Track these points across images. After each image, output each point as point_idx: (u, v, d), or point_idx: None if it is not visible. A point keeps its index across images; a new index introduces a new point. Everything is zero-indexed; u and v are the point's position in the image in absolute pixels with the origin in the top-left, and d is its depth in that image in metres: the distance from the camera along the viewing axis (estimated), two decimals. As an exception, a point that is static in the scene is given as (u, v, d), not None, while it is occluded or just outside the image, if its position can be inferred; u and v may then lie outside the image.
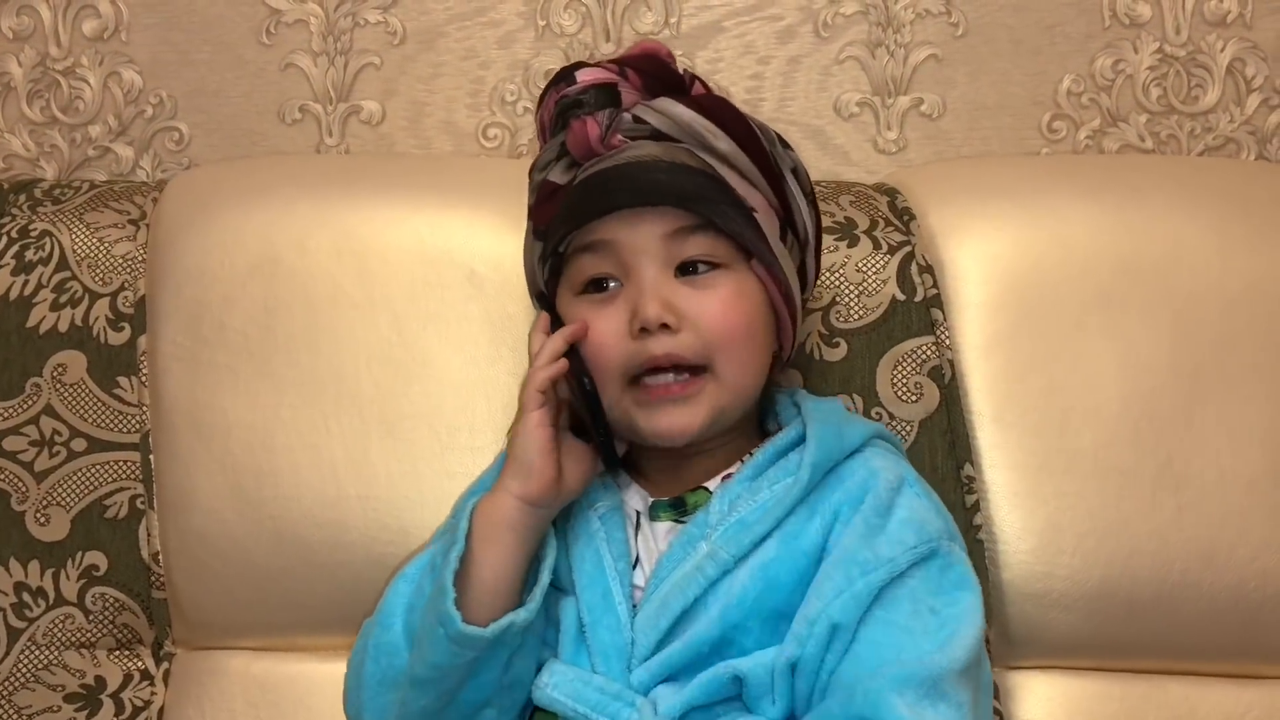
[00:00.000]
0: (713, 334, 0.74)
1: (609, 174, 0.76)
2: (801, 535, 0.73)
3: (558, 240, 0.78)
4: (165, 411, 0.91)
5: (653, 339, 0.74)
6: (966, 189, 0.96)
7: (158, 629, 0.92)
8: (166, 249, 0.94)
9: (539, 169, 0.81)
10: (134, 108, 1.14)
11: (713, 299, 0.75)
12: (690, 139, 0.76)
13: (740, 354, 0.76)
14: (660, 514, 0.79)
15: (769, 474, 0.76)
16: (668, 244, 0.75)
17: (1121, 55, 1.11)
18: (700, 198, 0.75)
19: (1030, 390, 0.88)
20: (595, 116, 0.77)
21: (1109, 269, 0.90)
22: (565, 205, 0.77)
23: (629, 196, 0.75)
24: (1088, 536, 0.86)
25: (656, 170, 0.75)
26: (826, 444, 0.76)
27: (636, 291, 0.75)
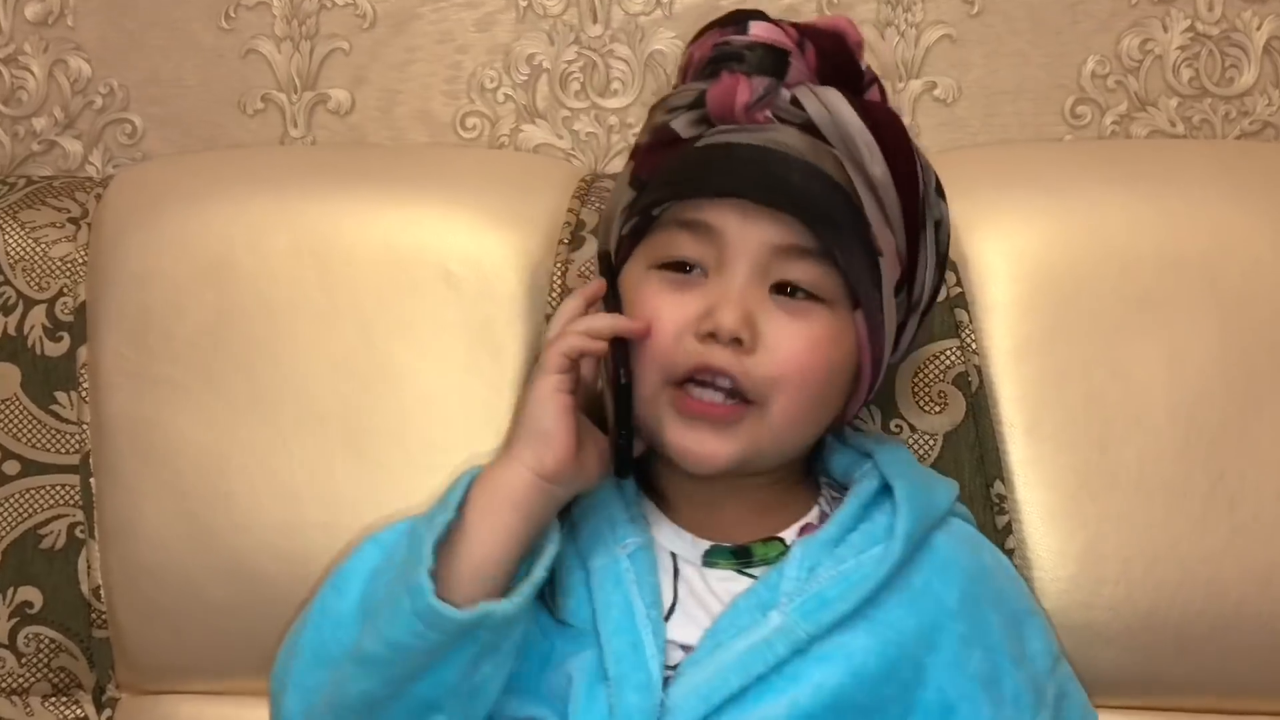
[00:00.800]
0: (784, 369, 0.67)
1: (740, 151, 0.69)
2: (891, 620, 0.67)
3: (655, 202, 0.70)
4: (107, 430, 0.87)
5: (718, 349, 0.66)
6: (990, 177, 0.91)
7: (99, 672, 0.88)
8: (110, 251, 0.90)
9: (665, 109, 0.73)
10: (82, 98, 1.10)
11: (800, 332, 0.68)
12: (844, 147, 0.69)
13: (803, 402, 0.68)
14: (719, 560, 0.70)
15: (853, 539, 0.69)
16: (775, 256, 0.68)
17: (1150, 34, 1.06)
18: (829, 221, 0.68)
19: (1067, 399, 0.84)
20: (751, 80, 0.69)
21: (1151, 264, 0.85)
22: (679, 166, 0.70)
23: (753, 188, 0.67)
24: (1132, 562, 0.82)
25: (794, 168, 0.68)
26: (919, 509, 0.69)
27: (721, 292, 0.67)
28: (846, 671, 0.64)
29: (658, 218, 0.70)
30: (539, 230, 0.88)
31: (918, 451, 0.83)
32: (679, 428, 0.67)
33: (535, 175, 0.95)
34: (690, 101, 0.72)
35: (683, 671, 0.65)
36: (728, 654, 0.65)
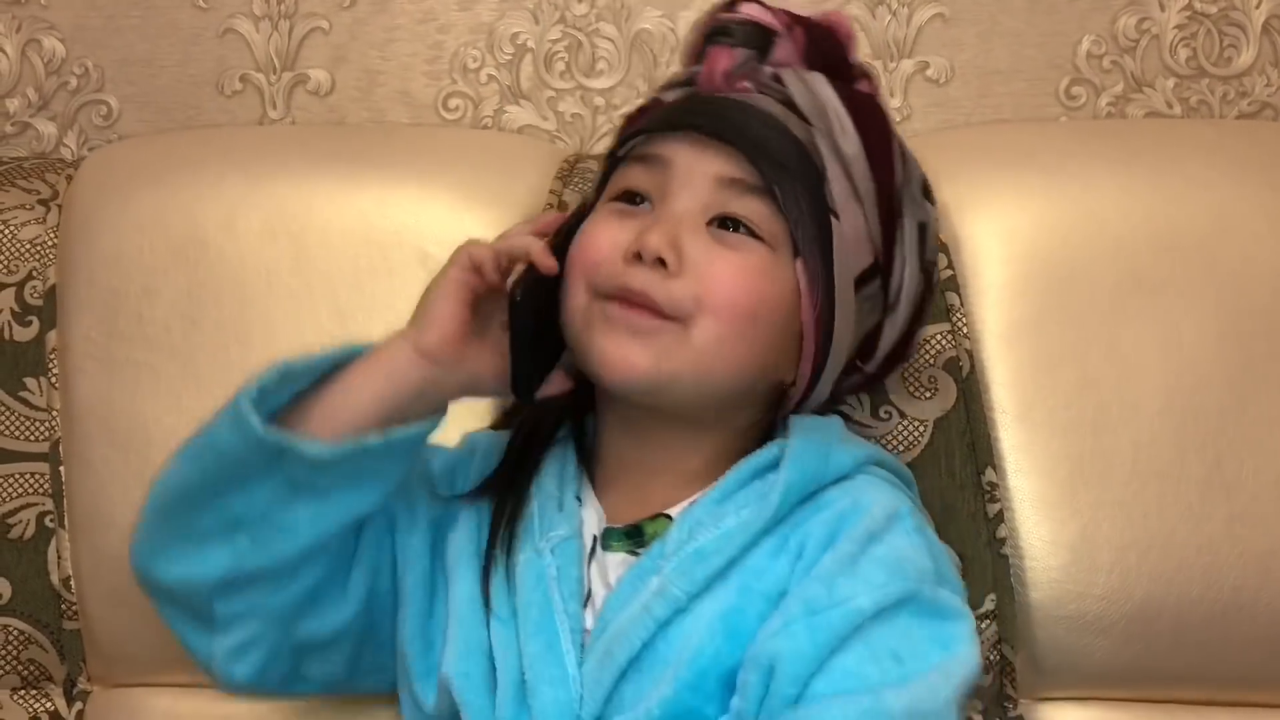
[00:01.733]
0: (708, 291, 0.66)
1: (707, 100, 0.70)
2: (766, 574, 0.64)
3: (622, 143, 0.72)
4: (77, 417, 0.85)
5: (641, 269, 0.66)
6: (983, 157, 0.90)
7: (70, 665, 0.85)
8: (80, 232, 0.88)
9: (661, 88, 0.75)
10: (56, 79, 1.08)
11: (730, 260, 0.66)
12: (820, 124, 0.69)
13: (727, 327, 0.66)
14: (613, 543, 0.69)
15: (738, 497, 0.67)
16: (717, 188, 0.68)
17: (1147, 13, 1.05)
18: (775, 161, 0.67)
19: (1060, 384, 0.82)
20: (733, 50, 0.70)
21: (1146, 245, 0.84)
22: (646, 113, 0.72)
23: (706, 122, 0.68)
24: (1127, 550, 0.80)
25: (754, 115, 0.68)
26: (805, 465, 0.66)
27: (655, 217, 0.68)
28: (721, 631, 0.62)
29: (623, 159, 0.71)
30: (519, 211, 0.86)
31: (907, 438, 0.82)
32: (600, 334, 0.66)
33: (516, 155, 0.93)
34: (683, 79, 0.73)
35: (585, 657, 0.65)
36: (614, 628, 0.64)
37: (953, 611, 0.63)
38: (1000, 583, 0.80)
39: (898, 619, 0.61)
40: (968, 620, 0.64)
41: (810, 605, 0.61)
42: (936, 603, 0.63)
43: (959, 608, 0.64)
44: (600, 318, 0.66)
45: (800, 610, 0.61)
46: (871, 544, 0.63)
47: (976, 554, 0.80)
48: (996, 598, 0.80)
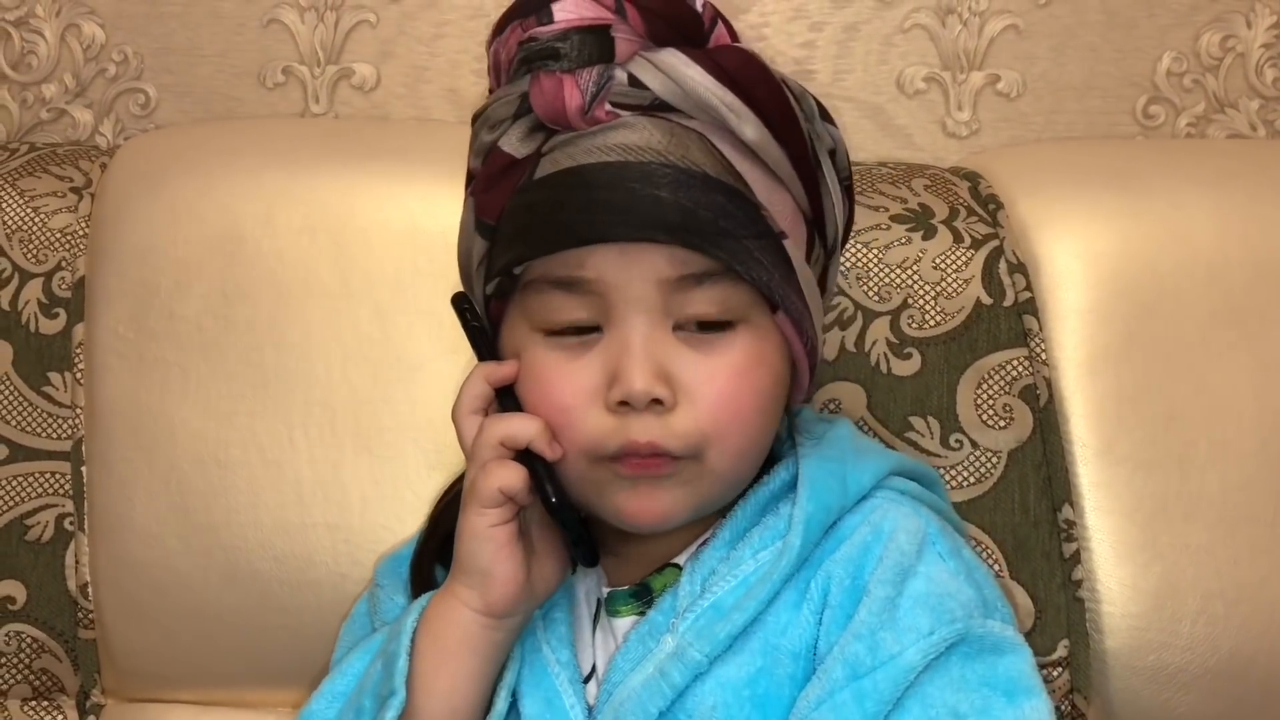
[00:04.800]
0: (713, 416, 0.60)
1: (592, 177, 0.59)
2: (790, 629, 0.59)
3: (515, 261, 0.62)
4: (102, 415, 0.83)
5: (636, 418, 0.59)
6: (1064, 174, 0.87)
7: (84, 675, 0.83)
8: (112, 223, 0.85)
9: (488, 126, 0.63)
10: (94, 65, 1.05)
11: (720, 368, 0.60)
12: (704, 117, 0.60)
13: (741, 440, 0.61)
14: (620, 608, 0.64)
15: (752, 536, 0.62)
16: (667, 293, 0.60)
17: (1232, 30, 1.02)
18: (717, 232, 0.59)
19: (1145, 418, 0.79)
20: (577, 77, 0.59)
21: (1240, 271, 0.80)
22: (526, 213, 0.61)
23: (623, 225, 0.58)
24: (1214, 599, 0.77)
25: (660, 180, 0.58)
26: (823, 493, 0.62)
27: (620, 349, 0.59)
28: (749, 700, 0.58)
29: (521, 275, 0.62)
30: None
31: (979, 469, 0.79)
32: (620, 494, 0.60)
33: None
34: (514, 112, 0.62)
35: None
36: (624, 694, 0.59)
37: (1006, 644, 0.59)
38: (1075, 628, 0.77)
39: (950, 668, 0.57)
40: (1024, 652, 0.59)
41: (854, 668, 0.57)
42: (988, 638, 0.58)
43: (1012, 639, 0.59)
44: (610, 479, 0.60)
45: (844, 675, 0.57)
46: (907, 581, 0.59)
47: (1050, 596, 0.77)
48: (1070, 644, 0.77)
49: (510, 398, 0.63)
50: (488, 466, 0.60)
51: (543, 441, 0.60)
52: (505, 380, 0.63)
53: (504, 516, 0.61)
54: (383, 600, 0.71)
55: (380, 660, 0.63)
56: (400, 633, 0.62)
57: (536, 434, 0.60)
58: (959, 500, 0.78)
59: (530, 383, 0.62)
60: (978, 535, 0.77)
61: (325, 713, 0.64)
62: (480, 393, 0.63)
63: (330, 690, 0.64)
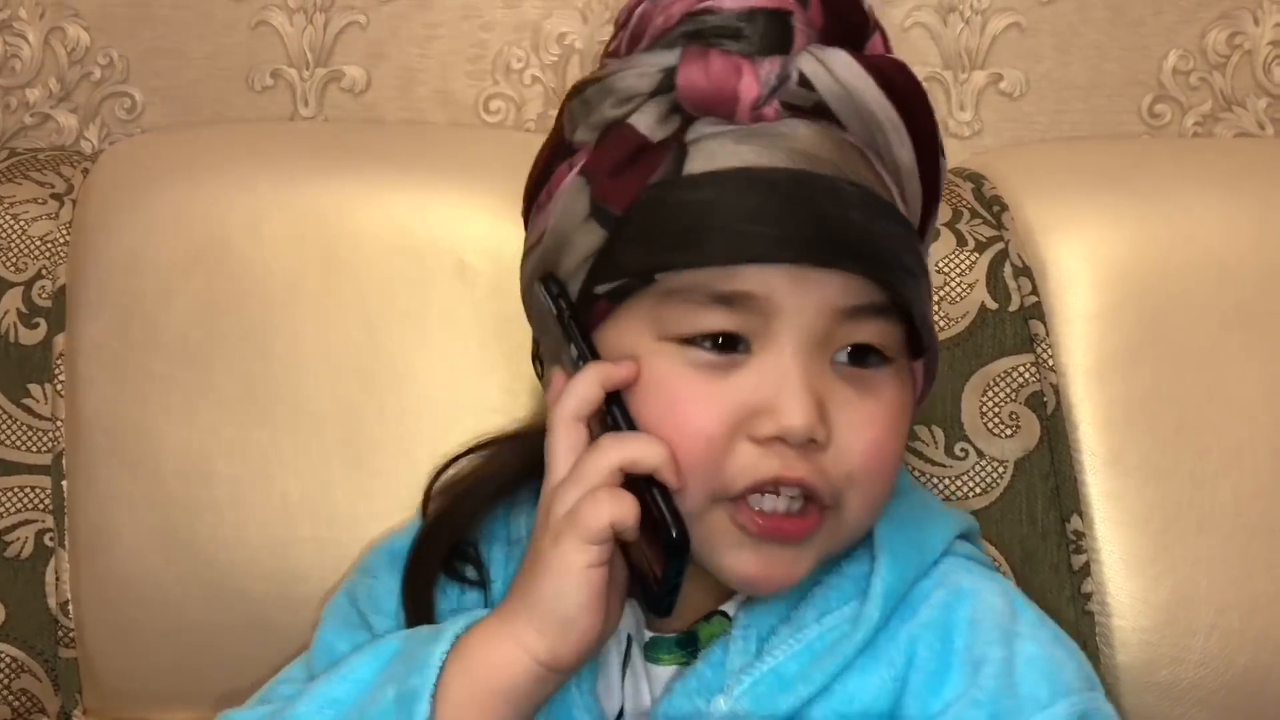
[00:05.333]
0: (863, 464, 0.54)
1: (769, 183, 0.52)
2: (858, 696, 0.55)
3: (659, 267, 0.54)
4: (83, 428, 0.81)
5: (788, 454, 0.53)
6: (1069, 175, 0.86)
7: (64, 696, 0.82)
8: (94, 230, 0.84)
9: (615, 100, 0.55)
10: (79, 69, 1.04)
11: (875, 415, 0.55)
12: (864, 131, 0.54)
13: (882, 492, 0.56)
14: (662, 656, 0.59)
15: (815, 597, 0.57)
16: (836, 322, 0.54)
17: (1239, 27, 1.01)
18: (900, 267, 0.54)
19: (1155, 426, 0.78)
20: (757, 65, 0.53)
21: (1254, 275, 0.79)
22: (683, 213, 0.53)
23: (812, 247, 0.52)
24: (1228, 612, 0.75)
25: (847, 199, 0.53)
26: (902, 562, 0.57)
27: (781, 378, 0.53)
28: None
29: (660, 281, 0.55)
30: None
31: (985, 479, 0.77)
32: (742, 551, 0.54)
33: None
34: (653, 87, 0.55)
35: None
36: None
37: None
38: (1085, 643, 0.75)
39: None
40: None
41: None
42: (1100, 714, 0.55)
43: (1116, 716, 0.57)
44: (739, 523, 0.53)
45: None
46: (1014, 644, 0.55)
47: (1059, 610, 0.76)
48: None
49: (621, 411, 0.55)
50: (598, 495, 0.52)
51: (671, 469, 0.53)
52: (623, 384, 0.55)
53: (604, 556, 0.52)
54: (378, 591, 0.64)
55: (393, 688, 0.54)
56: (424, 665, 0.53)
57: (665, 460, 0.53)
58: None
59: (657, 400, 0.54)
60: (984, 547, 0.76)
61: (314, 718, 0.56)
62: (593, 397, 0.54)
63: (325, 696, 0.56)
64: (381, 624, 0.62)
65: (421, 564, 0.62)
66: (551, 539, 0.53)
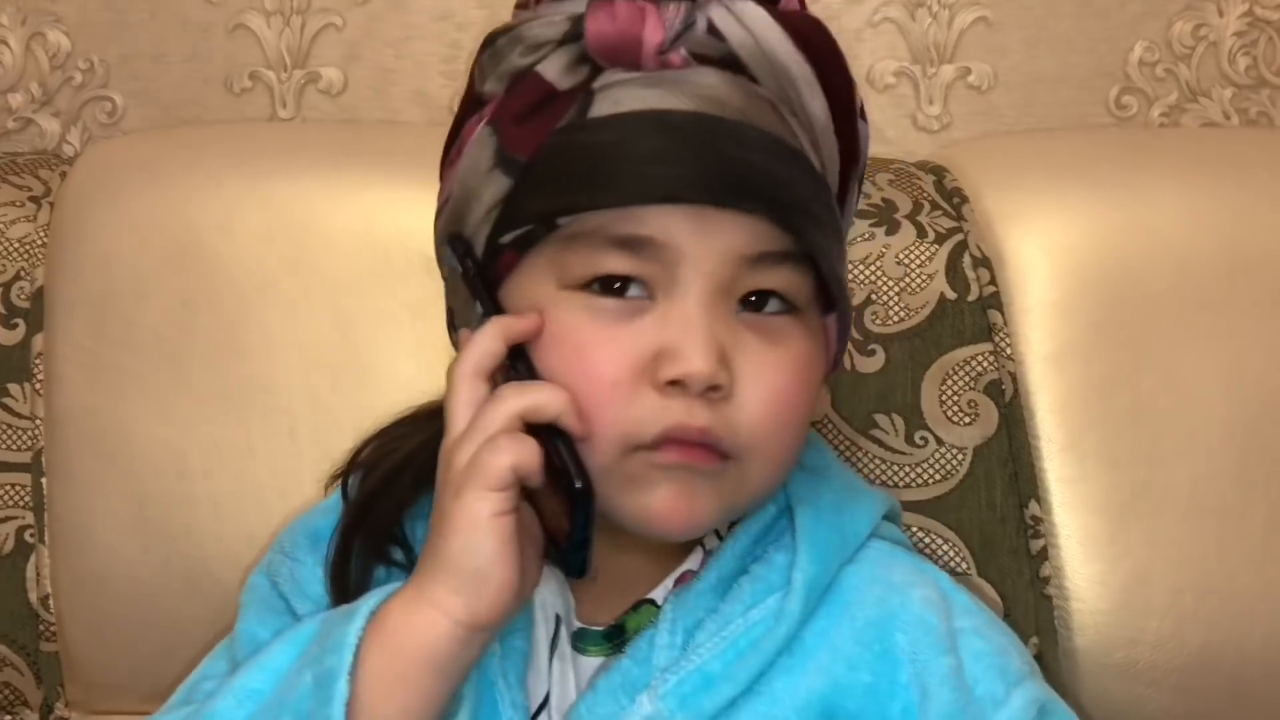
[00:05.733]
0: (767, 414, 0.53)
1: (676, 124, 0.51)
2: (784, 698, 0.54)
3: (561, 210, 0.53)
4: (61, 426, 0.81)
5: (690, 401, 0.51)
6: (1030, 166, 0.86)
7: (46, 689, 0.82)
8: (70, 232, 0.84)
9: (523, 48, 0.55)
10: (60, 74, 1.05)
11: (780, 364, 0.53)
12: (775, 85, 0.53)
13: (784, 451, 0.55)
14: (589, 648, 0.57)
15: (741, 587, 0.55)
16: (740, 269, 0.53)
17: (1204, 19, 1.01)
18: (806, 214, 0.53)
19: (1111, 412, 0.78)
20: (661, 11, 0.52)
21: (1209, 262, 0.79)
22: (584, 155, 0.52)
23: (713, 187, 0.51)
24: (1183, 594, 0.76)
25: (752, 144, 0.52)
26: (824, 550, 0.56)
27: (682, 323, 0.52)
28: None
29: (563, 227, 0.53)
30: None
31: (944, 466, 0.77)
32: (655, 489, 0.52)
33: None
34: (561, 35, 0.54)
35: None
36: None
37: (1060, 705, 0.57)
38: (1043, 626, 0.76)
39: None
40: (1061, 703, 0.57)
41: None
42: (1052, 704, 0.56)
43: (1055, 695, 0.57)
44: (642, 471, 0.52)
45: None
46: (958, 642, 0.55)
47: (1018, 594, 0.76)
48: (1039, 642, 0.76)
49: (524, 363, 0.53)
50: (497, 441, 0.50)
51: (573, 415, 0.51)
52: (525, 337, 0.53)
53: (509, 504, 0.50)
54: (301, 575, 0.61)
55: (310, 673, 0.52)
56: (340, 645, 0.51)
57: (566, 406, 0.51)
58: (924, 498, 0.77)
59: (560, 348, 0.52)
60: (943, 533, 0.76)
61: (234, 713, 0.53)
62: (494, 351, 0.53)
63: (244, 689, 0.53)
64: (305, 608, 0.60)
65: (347, 547, 0.59)
66: (453, 493, 0.51)
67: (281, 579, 0.62)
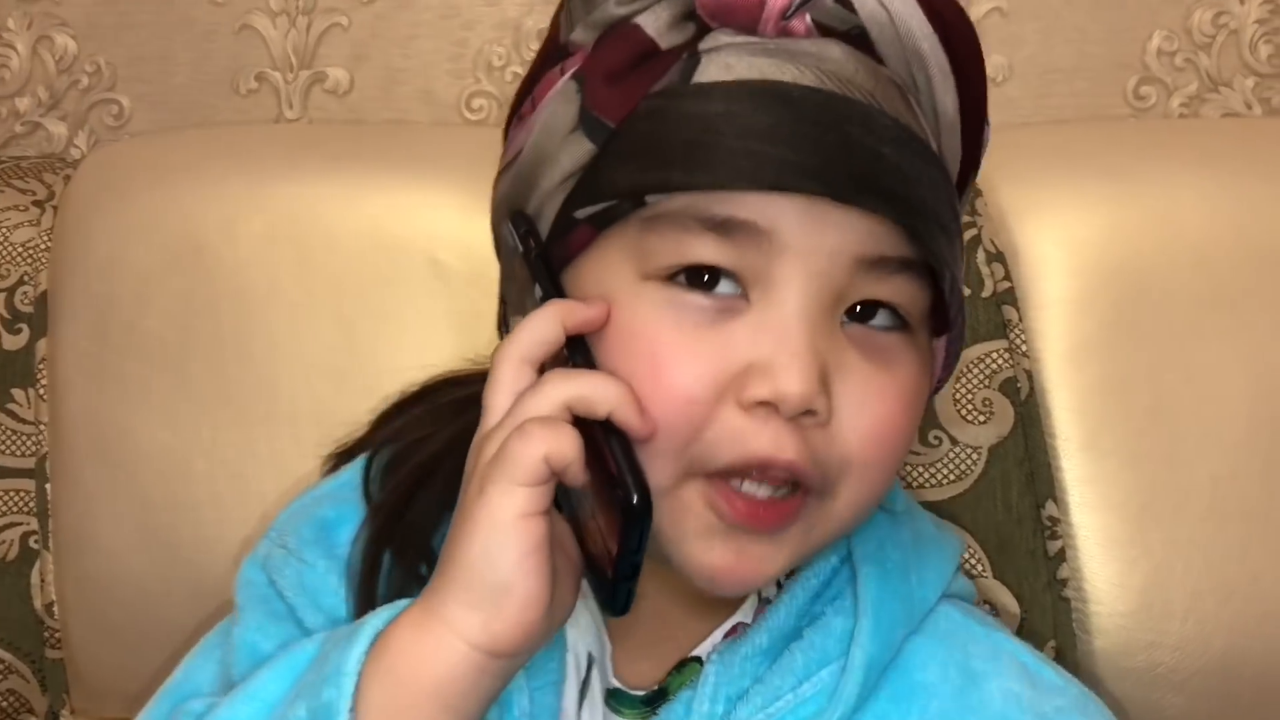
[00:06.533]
0: (867, 444, 0.46)
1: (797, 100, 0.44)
2: None
3: (655, 187, 0.46)
4: (65, 431, 0.81)
5: (780, 427, 0.44)
6: (1045, 159, 0.84)
7: (52, 696, 0.81)
8: (74, 236, 0.84)
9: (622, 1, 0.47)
10: (67, 77, 1.05)
11: (887, 389, 0.46)
12: (906, 71, 0.47)
13: (881, 483, 0.48)
14: (624, 709, 0.51)
15: (795, 654, 0.49)
16: (854, 274, 0.46)
17: (1224, 7, 0.99)
18: (935, 219, 0.46)
19: (1130, 410, 0.76)
20: None
21: (1229, 256, 0.77)
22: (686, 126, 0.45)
23: (836, 178, 0.44)
24: (1205, 596, 0.74)
25: (883, 132, 0.45)
26: (887, 625, 0.50)
27: (778, 334, 0.45)
28: None
29: (651, 204, 0.46)
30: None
31: (959, 466, 0.76)
32: (712, 539, 0.46)
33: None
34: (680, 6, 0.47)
35: None
36: None
37: None
38: (1061, 629, 0.74)
39: None
40: None
41: None
42: None
43: None
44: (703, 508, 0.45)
45: None
46: None
47: (1035, 596, 0.74)
48: (1057, 645, 0.74)
49: (583, 357, 0.46)
50: (528, 429, 0.43)
51: (633, 411, 0.44)
52: (589, 326, 0.46)
53: (540, 503, 0.43)
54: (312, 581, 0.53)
55: (304, 705, 0.45)
56: (339, 674, 0.44)
57: (625, 400, 0.44)
58: (939, 499, 0.75)
59: (631, 349, 0.45)
60: (959, 534, 0.75)
61: None
62: (548, 338, 0.46)
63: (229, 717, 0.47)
64: (317, 622, 0.52)
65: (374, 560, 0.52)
66: (477, 489, 0.44)
67: (284, 581, 0.54)
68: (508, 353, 0.46)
